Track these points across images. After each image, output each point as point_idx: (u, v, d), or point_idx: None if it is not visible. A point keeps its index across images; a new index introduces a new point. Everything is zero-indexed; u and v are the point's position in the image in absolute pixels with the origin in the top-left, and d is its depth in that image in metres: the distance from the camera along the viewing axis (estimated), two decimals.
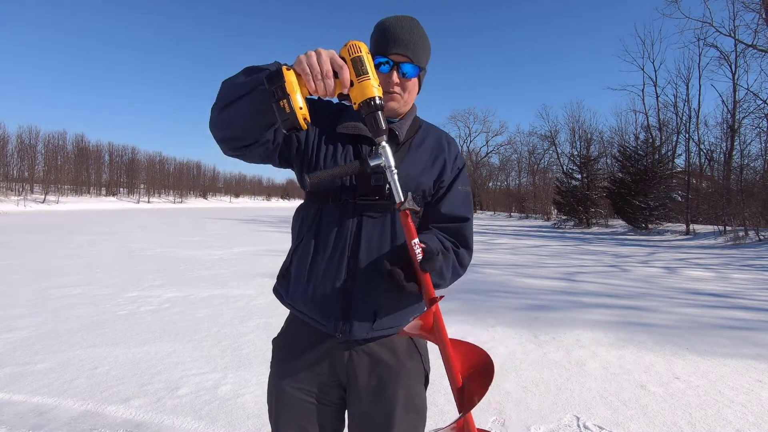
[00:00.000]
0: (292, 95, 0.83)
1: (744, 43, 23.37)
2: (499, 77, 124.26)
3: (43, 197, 39.67)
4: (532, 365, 3.28)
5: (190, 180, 76.76)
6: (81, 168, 51.88)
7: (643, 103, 35.12)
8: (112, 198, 54.11)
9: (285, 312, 1.15)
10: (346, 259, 1.03)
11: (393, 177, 0.93)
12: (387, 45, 1.01)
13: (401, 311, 1.06)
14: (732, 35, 24.34)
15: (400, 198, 0.94)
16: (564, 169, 31.55)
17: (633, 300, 5.67)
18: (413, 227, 0.94)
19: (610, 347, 3.73)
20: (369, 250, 1.02)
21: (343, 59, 0.86)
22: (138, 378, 2.91)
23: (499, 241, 14.95)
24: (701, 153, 29.09)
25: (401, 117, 1.13)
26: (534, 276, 7.55)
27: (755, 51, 21.91)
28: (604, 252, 12.10)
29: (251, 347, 3.54)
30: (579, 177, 26.57)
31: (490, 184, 61.38)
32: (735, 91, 25.46)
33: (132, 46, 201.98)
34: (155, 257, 8.76)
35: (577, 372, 3.16)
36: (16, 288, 5.58)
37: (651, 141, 24.12)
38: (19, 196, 38.35)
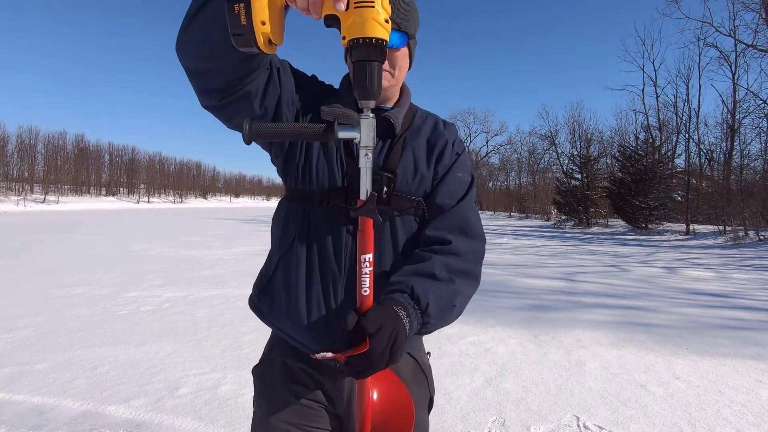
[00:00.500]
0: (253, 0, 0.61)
1: (744, 43, 23.42)
2: (499, 77, 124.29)
3: (43, 197, 39.67)
4: (532, 365, 3.28)
5: (190, 180, 76.85)
6: (81, 168, 51.93)
7: (643, 103, 35.25)
8: (112, 198, 54.12)
9: None
10: (342, 277, 0.88)
11: (366, 162, 0.75)
12: None
13: None
14: (732, 35, 24.39)
15: (364, 195, 0.76)
16: (564, 169, 31.58)
17: (633, 300, 5.67)
18: (371, 239, 0.77)
19: (610, 347, 3.73)
20: None
21: None
22: (138, 378, 2.91)
23: (499, 241, 14.94)
24: (701, 153, 29.16)
25: (396, 103, 0.97)
26: (534, 276, 7.55)
27: (755, 51, 21.93)
28: (604, 252, 12.10)
29: (251, 347, 3.54)
30: (579, 177, 26.58)
31: (490, 184, 61.44)
32: (735, 91, 25.53)
33: (132, 46, 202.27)
34: (155, 257, 8.76)
35: (577, 372, 3.16)
36: (16, 288, 5.58)
37: (651, 141, 24.14)
38: (19, 196, 38.36)
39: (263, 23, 0.62)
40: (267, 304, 0.95)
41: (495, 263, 9.06)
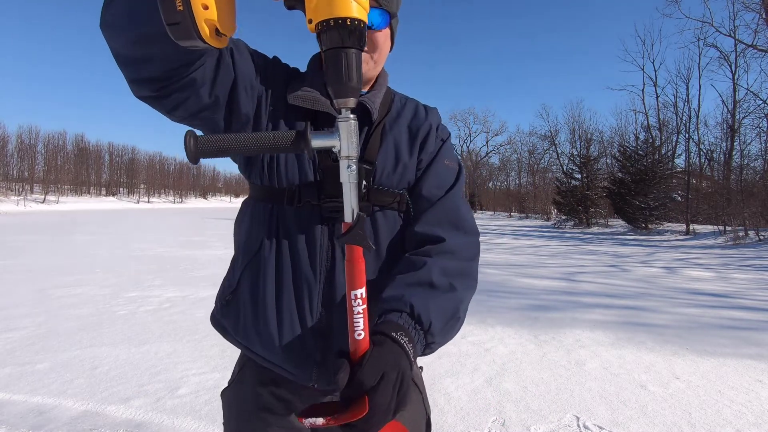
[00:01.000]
0: None
1: (744, 43, 23.38)
2: (499, 77, 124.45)
3: (43, 197, 39.71)
4: (532, 365, 3.28)
5: (190, 180, 76.96)
6: (81, 168, 52.06)
7: (643, 103, 35.16)
8: (112, 198, 54.18)
9: None
10: (318, 284, 0.77)
11: (350, 176, 0.61)
12: None
13: None
14: (732, 35, 24.36)
15: (349, 217, 0.62)
16: (564, 169, 31.55)
17: (633, 300, 5.67)
18: (362, 271, 0.63)
19: (610, 347, 3.73)
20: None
21: None
22: (138, 378, 2.91)
23: (499, 241, 14.94)
24: (701, 153, 29.16)
25: (371, 87, 0.86)
26: (534, 276, 7.54)
27: (755, 51, 21.90)
28: (604, 252, 12.10)
29: None
30: (579, 177, 26.58)
31: (490, 184, 61.49)
32: (735, 91, 25.53)
33: None
34: (155, 257, 8.76)
35: (577, 372, 3.16)
36: (16, 288, 5.58)
37: (651, 141, 24.10)
38: (19, 196, 38.41)
39: (205, 7, 0.48)
40: (232, 319, 0.83)
41: (495, 263, 9.06)
